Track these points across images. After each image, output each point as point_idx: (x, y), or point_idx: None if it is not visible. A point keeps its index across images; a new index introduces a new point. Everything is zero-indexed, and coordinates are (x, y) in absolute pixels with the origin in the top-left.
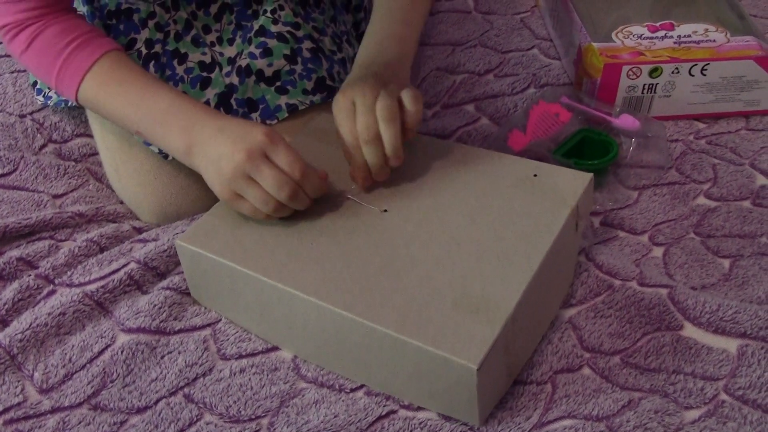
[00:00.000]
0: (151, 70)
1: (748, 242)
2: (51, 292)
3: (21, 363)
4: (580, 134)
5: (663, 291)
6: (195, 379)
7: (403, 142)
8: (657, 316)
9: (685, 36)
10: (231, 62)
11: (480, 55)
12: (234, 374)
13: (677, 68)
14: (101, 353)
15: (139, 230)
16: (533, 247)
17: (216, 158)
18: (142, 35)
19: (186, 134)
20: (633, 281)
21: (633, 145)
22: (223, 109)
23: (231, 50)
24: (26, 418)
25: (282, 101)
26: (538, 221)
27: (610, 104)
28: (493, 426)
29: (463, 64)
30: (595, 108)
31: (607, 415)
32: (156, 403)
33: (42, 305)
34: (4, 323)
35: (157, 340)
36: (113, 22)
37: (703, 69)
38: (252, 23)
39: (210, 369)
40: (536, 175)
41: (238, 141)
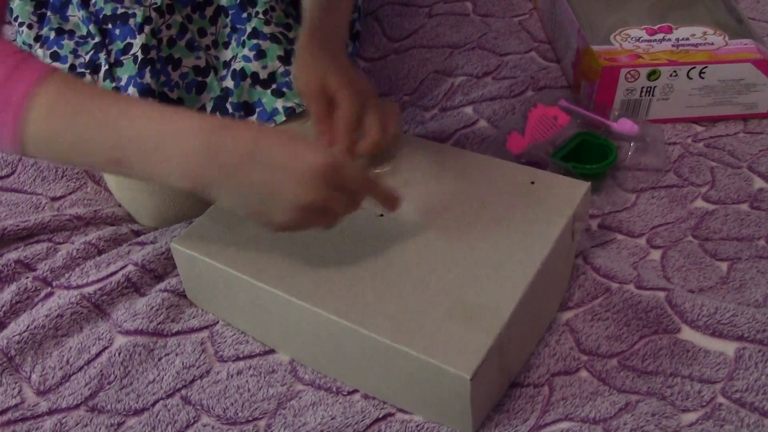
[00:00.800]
0: (147, 76)
1: (746, 245)
2: (49, 294)
3: (18, 365)
4: (579, 138)
5: (660, 294)
6: (192, 381)
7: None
8: (654, 319)
9: (683, 39)
10: (226, 66)
11: (478, 58)
12: (231, 376)
13: (675, 71)
14: (99, 355)
15: (138, 233)
16: (529, 256)
17: (267, 195)
18: (138, 40)
19: (198, 162)
20: (630, 284)
21: (631, 149)
22: (219, 114)
23: (226, 54)
24: (23, 420)
25: (279, 104)
26: (535, 230)
27: (609, 108)
28: (490, 429)
29: (461, 67)
30: (594, 111)
31: (605, 418)
32: (153, 405)
33: (40, 307)
34: (2, 325)
35: (155, 342)
36: (109, 27)
37: (702, 72)
38: (246, 26)
39: (207, 371)
40: (534, 183)
41: (300, 176)
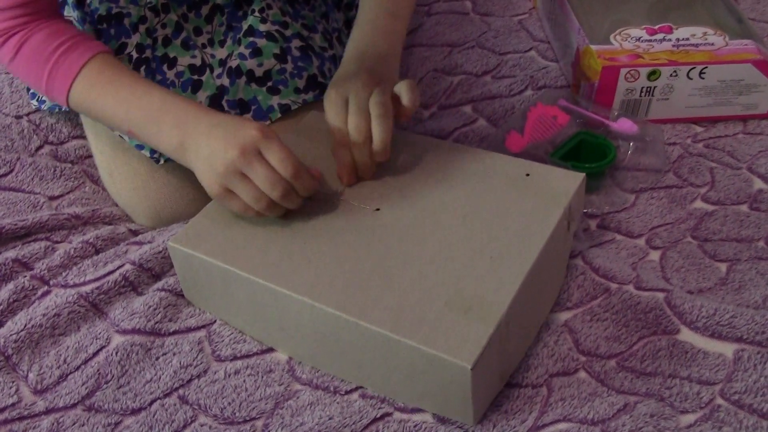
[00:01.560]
0: (142, 75)
1: (745, 246)
2: (46, 293)
3: (15, 364)
4: (578, 137)
5: (659, 295)
6: (189, 381)
7: (400, 126)
8: (653, 320)
9: (684, 39)
10: (222, 64)
11: (477, 57)
12: (229, 376)
13: (675, 71)
14: (96, 354)
15: (135, 233)
16: (526, 247)
17: (208, 154)
18: (133, 40)
19: (178, 130)
20: (629, 285)
21: (631, 149)
22: None
23: (222, 52)
24: (20, 419)
25: (274, 101)
26: (531, 220)
27: (608, 107)
28: (488, 429)
29: (461, 66)
30: (593, 111)
31: (603, 419)
32: (150, 405)
33: (37, 306)
34: None
35: (152, 342)
36: (104, 27)
37: (702, 72)
38: (242, 24)
39: (205, 370)
40: (528, 175)
41: (231, 137)
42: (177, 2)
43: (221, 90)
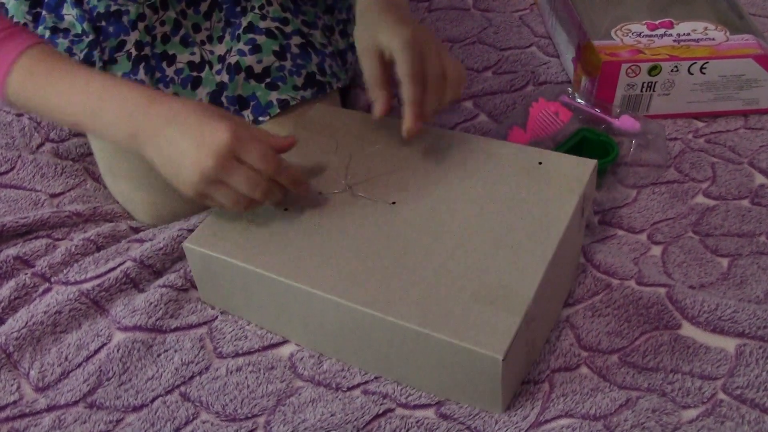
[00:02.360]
0: (141, 73)
1: (747, 241)
2: (47, 291)
3: (17, 361)
4: (580, 134)
5: (661, 290)
6: (191, 378)
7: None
8: (655, 315)
9: (684, 34)
10: (221, 60)
11: (478, 52)
12: (230, 372)
13: (676, 66)
14: (97, 351)
15: (136, 230)
16: (546, 235)
17: (176, 157)
18: (132, 37)
19: (127, 120)
20: (631, 280)
21: (633, 146)
22: None
23: (221, 48)
24: (22, 416)
25: (273, 97)
26: (548, 208)
27: (609, 103)
28: (491, 425)
29: (462, 61)
30: (595, 108)
31: (605, 414)
32: (152, 402)
33: (38, 303)
34: (0, 321)
35: (154, 339)
36: (102, 25)
37: (702, 67)
38: (241, 20)
39: (206, 367)
40: (541, 163)
41: (203, 144)
42: None
43: (221, 86)
